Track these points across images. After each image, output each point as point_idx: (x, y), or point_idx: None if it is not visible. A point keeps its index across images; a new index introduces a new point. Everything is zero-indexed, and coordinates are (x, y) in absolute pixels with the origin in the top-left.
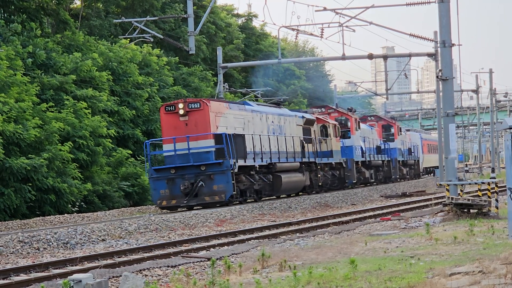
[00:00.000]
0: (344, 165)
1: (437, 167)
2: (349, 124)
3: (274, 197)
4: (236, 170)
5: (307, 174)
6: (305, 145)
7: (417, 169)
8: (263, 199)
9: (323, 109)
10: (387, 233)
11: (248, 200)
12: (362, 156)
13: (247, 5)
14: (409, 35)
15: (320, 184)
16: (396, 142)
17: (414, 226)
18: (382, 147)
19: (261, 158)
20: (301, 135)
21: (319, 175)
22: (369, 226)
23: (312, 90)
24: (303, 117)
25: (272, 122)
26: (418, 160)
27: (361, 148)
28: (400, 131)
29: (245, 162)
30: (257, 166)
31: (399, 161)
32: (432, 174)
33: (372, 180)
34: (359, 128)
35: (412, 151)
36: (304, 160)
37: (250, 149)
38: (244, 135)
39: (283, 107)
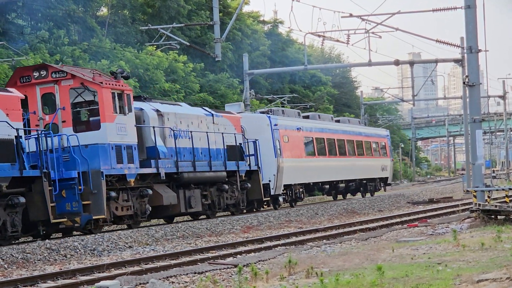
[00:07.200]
0: None
1: (350, 182)
2: None
3: (301, 203)
4: None
5: None
6: None
7: (256, 190)
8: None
9: None
10: (414, 239)
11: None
12: None
13: (273, 12)
14: (436, 41)
15: None
16: (102, 131)
17: (441, 232)
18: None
19: None
20: None
21: None
22: (396, 232)
23: (339, 96)
24: None
25: None
26: (258, 171)
27: None
28: (127, 104)
29: None
30: None
31: (115, 176)
32: (350, 195)
33: None
34: None
35: (246, 151)
36: None
37: None
38: None
39: None
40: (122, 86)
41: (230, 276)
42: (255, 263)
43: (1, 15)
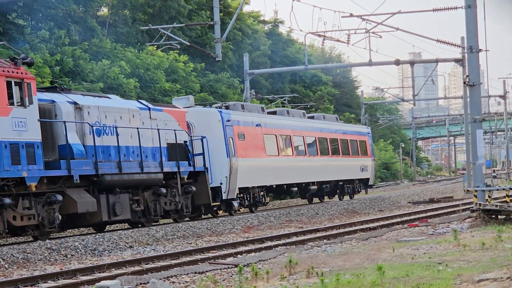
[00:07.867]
0: None
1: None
2: None
3: (301, 203)
4: None
5: None
6: None
7: (203, 194)
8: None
9: None
10: (414, 239)
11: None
12: None
13: (273, 12)
14: (436, 41)
15: None
16: None
17: (441, 232)
18: None
19: None
20: None
21: None
22: (396, 232)
23: (339, 96)
24: None
25: None
26: (205, 173)
27: None
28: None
29: None
30: None
31: (10, 179)
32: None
33: None
34: None
35: (193, 150)
36: None
37: None
38: None
39: None
40: (21, 73)
41: (231, 276)
42: (255, 263)
43: (2, 15)
